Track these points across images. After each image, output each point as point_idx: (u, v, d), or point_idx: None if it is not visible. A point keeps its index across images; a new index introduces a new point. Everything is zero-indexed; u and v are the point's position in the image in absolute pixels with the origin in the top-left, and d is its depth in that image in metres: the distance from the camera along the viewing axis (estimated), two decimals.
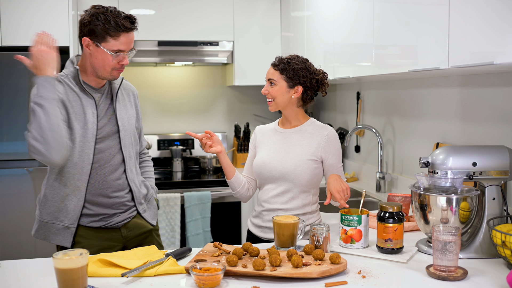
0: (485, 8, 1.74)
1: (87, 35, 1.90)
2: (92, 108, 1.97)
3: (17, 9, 3.41)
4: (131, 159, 2.08)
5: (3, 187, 3.41)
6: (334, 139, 2.10)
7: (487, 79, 2.26)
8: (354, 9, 2.85)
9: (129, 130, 2.08)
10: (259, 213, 2.14)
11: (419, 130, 2.83)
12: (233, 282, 1.55)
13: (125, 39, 1.91)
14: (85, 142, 1.94)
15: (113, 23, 1.86)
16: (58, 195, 1.97)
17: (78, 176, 1.96)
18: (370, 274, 1.60)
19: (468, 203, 1.75)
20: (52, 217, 1.98)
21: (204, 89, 4.48)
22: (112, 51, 1.89)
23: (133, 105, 2.16)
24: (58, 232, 1.98)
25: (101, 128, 1.99)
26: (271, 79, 2.08)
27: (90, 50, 1.92)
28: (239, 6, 4.09)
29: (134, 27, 1.93)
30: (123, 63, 1.94)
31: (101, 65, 1.92)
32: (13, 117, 3.39)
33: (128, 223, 2.09)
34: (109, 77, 1.96)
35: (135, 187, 2.09)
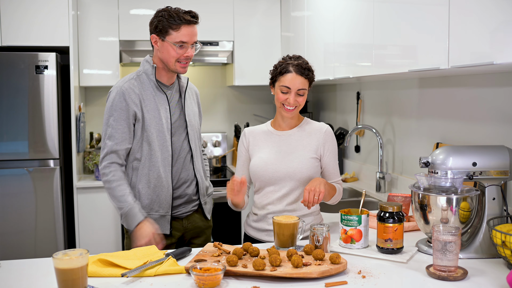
0: (485, 8, 1.74)
1: (153, 32, 2.10)
2: (165, 104, 2.16)
3: (17, 9, 3.41)
4: (197, 153, 2.26)
5: (3, 187, 3.41)
6: (331, 136, 2.12)
7: (487, 79, 2.26)
8: (354, 9, 2.85)
9: (195, 126, 2.27)
10: (263, 216, 2.09)
11: (419, 130, 2.83)
12: (233, 282, 1.55)
13: (186, 31, 2.06)
14: (162, 136, 2.13)
15: (175, 17, 2.04)
16: (150, 188, 2.14)
17: (163, 168, 2.14)
18: (370, 274, 1.60)
19: (468, 203, 1.75)
20: (148, 209, 2.15)
21: (204, 89, 4.48)
22: (175, 42, 2.06)
23: (197, 104, 2.35)
24: (155, 222, 2.14)
25: (173, 122, 2.18)
26: (303, 89, 2.02)
27: (158, 46, 2.11)
28: (239, 6, 4.09)
29: (194, 20, 2.08)
30: (187, 54, 2.09)
31: (167, 57, 2.10)
32: (13, 117, 3.39)
33: (190, 216, 2.27)
34: (174, 69, 2.12)
35: (200, 178, 2.26)
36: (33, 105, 3.41)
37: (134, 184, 2.16)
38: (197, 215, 2.30)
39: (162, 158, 2.14)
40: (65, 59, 3.64)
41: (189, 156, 2.23)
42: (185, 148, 2.22)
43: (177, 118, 2.20)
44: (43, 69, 3.40)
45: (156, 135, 2.12)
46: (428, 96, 2.73)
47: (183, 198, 2.22)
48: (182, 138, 2.21)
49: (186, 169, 2.22)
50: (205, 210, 2.32)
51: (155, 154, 2.13)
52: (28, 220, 3.45)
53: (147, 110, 2.12)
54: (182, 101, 2.23)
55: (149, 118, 2.11)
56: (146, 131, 2.11)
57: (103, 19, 3.84)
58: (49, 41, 3.46)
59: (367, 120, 3.50)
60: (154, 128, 2.12)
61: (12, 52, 3.39)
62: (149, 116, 2.11)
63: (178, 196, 2.21)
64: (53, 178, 3.47)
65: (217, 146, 4.43)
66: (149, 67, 2.15)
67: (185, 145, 2.22)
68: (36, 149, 3.44)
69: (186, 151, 2.22)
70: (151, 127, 2.11)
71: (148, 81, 2.15)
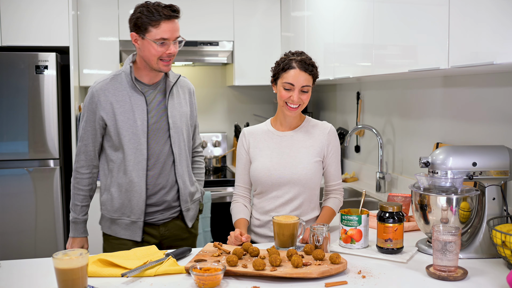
0: (485, 8, 1.74)
1: (133, 30, 2.01)
2: (142, 105, 2.05)
3: (17, 10, 3.41)
4: (181, 157, 2.14)
5: (3, 187, 3.41)
6: (335, 136, 2.07)
7: (487, 79, 2.26)
8: (354, 9, 2.85)
9: (180, 128, 2.13)
10: (266, 223, 2.03)
11: (419, 130, 2.83)
12: (233, 282, 1.55)
13: (166, 27, 1.97)
14: (135, 139, 2.04)
15: (154, 12, 1.94)
16: (122, 192, 2.09)
17: (136, 172, 2.06)
18: (370, 274, 1.60)
19: (468, 203, 1.75)
20: (119, 213, 2.11)
21: (204, 89, 4.48)
22: (155, 40, 1.96)
23: (188, 102, 2.21)
24: (127, 227, 2.11)
25: (152, 124, 2.07)
26: (307, 85, 1.95)
27: (138, 44, 2.01)
28: (239, 6, 4.09)
29: (175, 15, 1.99)
30: (169, 51, 2.00)
31: (148, 56, 2.00)
32: (13, 117, 3.39)
33: (168, 223, 2.17)
34: (157, 68, 2.02)
35: (182, 184, 2.15)
36: (33, 105, 3.41)
37: (108, 187, 2.11)
38: (177, 222, 2.20)
39: (135, 162, 2.04)
40: (65, 59, 3.64)
41: (170, 160, 2.11)
42: (165, 152, 2.10)
43: (157, 120, 2.08)
44: (43, 69, 3.39)
45: (129, 138, 2.03)
46: (428, 96, 2.73)
47: (160, 205, 2.13)
48: (162, 141, 2.09)
49: (166, 174, 2.11)
50: (186, 217, 2.20)
51: (127, 158, 2.04)
52: (28, 220, 3.45)
53: (120, 113, 2.03)
54: (166, 101, 2.11)
55: (121, 121, 2.03)
56: (119, 134, 2.03)
57: (103, 19, 3.84)
58: (49, 41, 3.46)
59: (367, 120, 3.50)
60: (127, 131, 2.03)
61: (12, 52, 3.39)
62: (122, 119, 2.03)
63: (154, 203, 2.11)
64: (53, 178, 3.46)
65: (217, 146, 4.43)
66: (128, 67, 2.07)
67: (166, 149, 2.10)
68: (36, 149, 3.44)
69: (166, 155, 2.10)
70: (124, 130, 2.03)
71: (126, 81, 2.06)
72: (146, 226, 2.13)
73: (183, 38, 2.05)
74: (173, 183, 2.13)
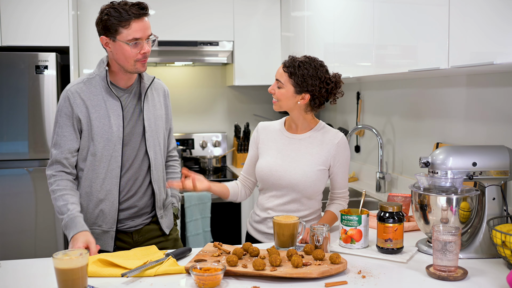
0: (485, 8, 1.74)
1: (102, 33, 1.90)
2: (117, 110, 1.96)
3: (17, 9, 3.41)
4: (157, 161, 2.06)
5: (3, 187, 3.41)
6: (344, 147, 2.02)
7: (487, 79, 2.26)
8: (354, 9, 2.85)
9: (156, 131, 2.05)
10: (264, 219, 2.07)
11: (419, 130, 2.83)
12: (233, 282, 1.55)
13: (137, 26, 1.87)
14: (110, 145, 1.95)
15: (122, 12, 1.85)
16: (92, 201, 1.98)
17: (109, 180, 1.96)
18: (370, 274, 1.60)
19: (468, 203, 1.75)
20: (90, 223, 1.98)
21: (204, 89, 4.48)
22: (128, 41, 1.87)
23: (163, 105, 2.13)
24: (98, 237, 1.98)
25: (127, 130, 1.99)
26: (278, 80, 1.98)
27: (110, 48, 1.91)
28: (239, 6, 4.09)
29: (144, 13, 1.89)
30: (144, 51, 1.91)
31: (123, 59, 1.90)
32: (13, 117, 3.39)
33: (141, 229, 2.08)
34: (134, 70, 1.93)
35: (158, 190, 2.06)
36: (33, 105, 3.41)
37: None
38: (151, 227, 2.10)
39: (108, 170, 1.95)
40: (65, 59, 3.64)
41: (145, 165, 2.03)
42: (140, 156, 2.01)
43: (134, 124, 2.00)
44: (43, 69, 3.39)
45: (103, 145, 1.94)
46: (428, 96, 2.73)
47: (131, 210, 2.04)
48: (137, 146, 2.01)
49: (140, 180, 2.02)
50: (163, 224, 2.11)
51: (100, 166, 1.94)
52: (28, 220, 3.45)
53: (95, 118, 1.93)
54: (141, 104, 2.02)
55: (96, 126, 1.93)
56: (92, 141, 1.93)
57: None
58: (49, 41, 3.46)
59: (367, 120, 3.50)
60: (102, 138, 1.93)
61: (12, 52, 3.39)
62: (97, 124, 1.93)
63: (125, 208, 2.02)
64: None
65: (217, 146, 4.43)
66: (103, 70, 1.96)
67: (141, 154, 2.01)
68: (36, 149, 3.44)
69: (141, 160, 2.02)
70: (98, 137, 1.93)
71: (100, 85, 1.95)
72: (118, 233, 2.03)
73: (156, 36, 1.96)
74: (147, 188, 2.05)
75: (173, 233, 2.20)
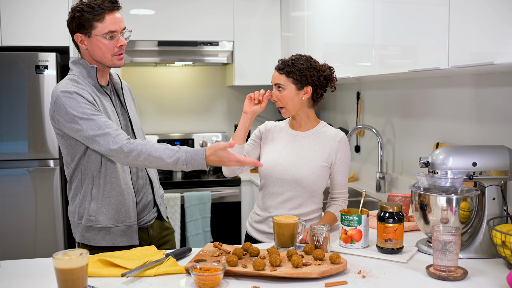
0: (485, 8, 1.74)
1: (76, 31, 1.89)
2: (110, 106, 1.96)
3: (17, 9, 3.41)
4: None
5: (3, 187, 3.41)
6: (345, 146, 2.06)
7: (487, 79, 2.26)
8: (354, 9, 2.85)
9: (137, 124, 2.09)
10: (265, 219, 2.08)
11: (419, 130, 2.83)
12: (233, 282, 1.55)
13: (111, 19, 1.87)
14: None
15: (94, 7, 1.85)
16: (114, 197, 1.93)
17: (122, 173, 1.96)
18: (370, 274, 1.60)
19: (468, 203, 1.75)
20: (113, 221, 1.94)
21: (204, 89, 4.48)
22: (104, 34, 1.86)
23: (132, 101, 2.16)
24: (124, 233, 1.97)
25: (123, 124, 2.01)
26: (278, 84, 2.01)
27: (86, 45, 1.90)
28: (239, 6, 4.09)
29: (116, 5, 1.89)
30: (120, 44, 1.90)
31: (101, 54, 1.89)
32: (13, 117, 3.39)
33: (153, 224, 2.11)
34: (112, 64, 1.92)
35: (154, 179, 2.10)
36: (33, 105, 3.41)
37: (95, 195, 1.92)
38: (158, 221, 2.14)
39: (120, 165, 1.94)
40: (65, 59, 3.64)
41: None
42: None
43: (123, 119, 2.02)
44: (43, 69, 3.40)
45: None
46: (428, 96, 2.73)
47: (147, 205, 2.06)
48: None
49: (140, 172, 2.04)
50: (162, 211, 2.14)
51: (113, 162, 1.92)
52: (28, 220, 3.45)
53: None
54: (123, 100, 2.04)
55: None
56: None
57: None
58: (49, 41, 3.46)
59: (367, 120, 3.50)
60: None
61: (12, 52, 3.39)
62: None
63: (140, 202, 2.03)
64: (53, 178, 3.46)
65: None
66: (83, 69, 1.91)
67: None
68: (36, 149, 3.44)
69: None
70: None
71: (88, 85, 1.91)
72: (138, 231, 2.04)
73: (130, 30, 1.94)
74: (147, 180, 2.07)
75: (171, 226, 2.25)
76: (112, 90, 2.03)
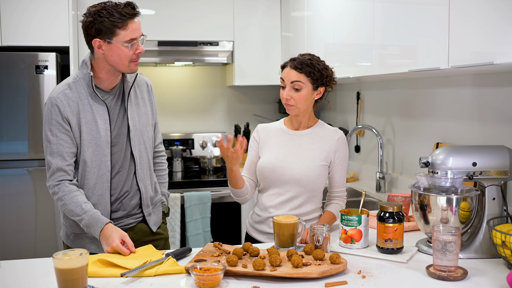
0: (485, 8, 1.74)
1: (95, 36, 1.86)
2: (104, 114, 1.94)
3: (17, 9, 3.41)
4: (142, 160, 2.04)
5: (3, 187, 3.41)
6: (344, 144, 2.06)
7: (487, 79, 2.26)
8: (354, 9, 2.85)
9: (140, 130, 2.03)
10: (265, 219, 2.08)
11: (419, 130, 2.83)
12: (233, 282, 1.55)
13: (133, 26, 1.86)
14: (99, 150, 1.93)
15: (117, 14, 1.82)
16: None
17: (99, 185, 1.95)
18: (370, 274, 1.60)
19: (468, 203, 1.75)
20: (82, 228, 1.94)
21: (204, 89, 4.48)
22: (125, 42, 1.85)
23: (147, 101, 2.10)
24: (92, 241, 1.99)
25: (114, 132, 1.97)
26: (297, 81, 1.96)
27: (103, 50, 1.88)
28: (239, 6, 4.09)
29: (137, 12, 1.89)
30: (139, 51, 1.90)
31: (118, 61, 1.88)
32: (13, 117, 3.39)
33: (134, 227, 2.07)
34: (128, 70, 1.92)
35: (143, 188, 2.05)
36: (33, 105, 3.41)
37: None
38: (143, 225, 2.09)
39: (98, 175, 1.94)
40: (65, 59, 3.64)
41: (132, 165, 2.01)
42: (127, 157, 2.00)
43: (119, 126, 1.98)
44: (43, 69, 3.40)
45: (92, 151, 1.92)
46: (428, 96, 2.73)
47: (125, 211, 2.03)
48: (123, 147, 1.99)
49: (129, 181, 2.01)
50: (149, 222, 2.09)
51: (90, 172, 1.93)
52: (28, 220, 3.45)
53: (83, 123, 1.90)
54: (125, 104, 1.99)
55: (85, 132, 1.90)
56: (81, 147, 1.91)
57: None
58: (49, 41, 3.46)
59: (367, 120, 3.50)
60: (90, 143, 1.91)
61: (12, 52, 3.39)
62: (85, 130, 1.90)
63: (117, 209, 2.01)
64: None
65: (217, 146, 4.42)
66: (87, 73, 1.92)
67: (127, 154, 2.00)
68: (36, 149, 3.44)
69: (129, 161, 2.01)
70: (87, 142, 1.91)
71: (86, 89, 1.92)
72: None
73: (145, 35, 1.93)
74: (135, 188, 2.03)
75: (164, 232, 2.19)
76: (119, 94, 2.00)
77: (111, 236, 1.78)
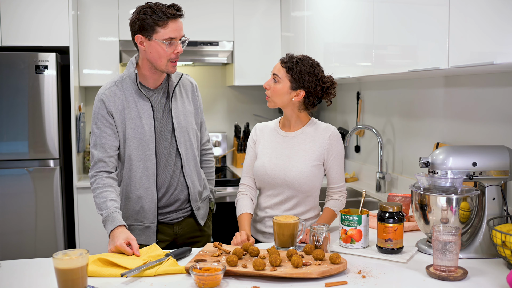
0: (485, 8, 1.74)
1: (138, 32, 1.97)
2: (148, 110, 2.04)
3: (17, 9, 3.41)
4: (188, 156, 2.13)
5: (3, 187, 3.41)
6: (337, 140, 2.04)
7: (487, 79, 2.26)
8: (354, 9, 2.85)
9: (185, 127, 2.12)
10: (262, 218, 2.09)
11: (419, 130, 2.83)
12: (233, 282, 1.55)
13: (174, 25, 1.94)
14: (144, 145, 2.04)
15: (160, 12, 1.92)
16: (132, 199, 2.08)
17: (146, 178, 2.06)
18: (370, 274, 1.60)
19: (468, 203, 1.75)
20: (132, 219, 2.10)
21: (204, 89, 4.48)
22: (164, 40, 1.94)
23: (191, 100, 2.19)
24: (140, 232, 2.10)
25: (158, 128, 2.07)
26: (276, 74, 2.00)
27: (144, 46, 1.97)
28: (239, 6, 4.09)
29: (180, 14, 1.97)
30: (177, 51, 1.98)
31: (157, 58, 1.97)
32: (13, 117, 3.39)
33: (182, 222, 2.17)
34: (165, 69, 2.00)
35: (191, 183, 2.14)
36: (33, 105, 3.41)
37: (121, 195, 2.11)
38: (190, 220, 2.20)
39: (144, 169, 2.05)
40: (65, 59, 3.64)
41: (178, 161, 2.11)
42: (173, 153, 2.10)
43: (164, 123, 2.08)
44: (43, 69, 3.40)
45: (137, 145, 2.03)
46: (428, 96, 2.73)
47: (173, 205, 2.14)
48: (168, 144, 2.09)
49: (176, 176, 2.11)
50: (198, 216, 2.20)
51: (136, 165, 2.04)
52: (28, 220, 3.45)
53: (128, 119, 2.02)
54: (169, 102, 2.09)
55: (130, 127, 2.02)
56: (126, 142, 2.03)
57: (103, 19, 3.84)
58: (49, 41, 3.46)
59: (367, 120, 3.50)
60: (135, 138, 2.03)
61: (12, 52, 3.40)
62: (130, 125, 2.02)
63: (166, 205, 2.12)
64: (53, 178, 3.47)
65: (217, 146, 4.43)
66: (133, 72, 2.04)
67: (173, 151, 2.10)
68: (36, 149, 3.44)
69: (174, 157, 2.10)
70: (132, 137, 2.03)
71: (131, 87, 2.04)
72: (159, 224, 2.13)
73: (187, 38, 2.02)
74: (183, 183, 2.13)
75: (208, 230, 2.29)
76: (164, 92, 2.10)
77: (118, 236, 1.82)
